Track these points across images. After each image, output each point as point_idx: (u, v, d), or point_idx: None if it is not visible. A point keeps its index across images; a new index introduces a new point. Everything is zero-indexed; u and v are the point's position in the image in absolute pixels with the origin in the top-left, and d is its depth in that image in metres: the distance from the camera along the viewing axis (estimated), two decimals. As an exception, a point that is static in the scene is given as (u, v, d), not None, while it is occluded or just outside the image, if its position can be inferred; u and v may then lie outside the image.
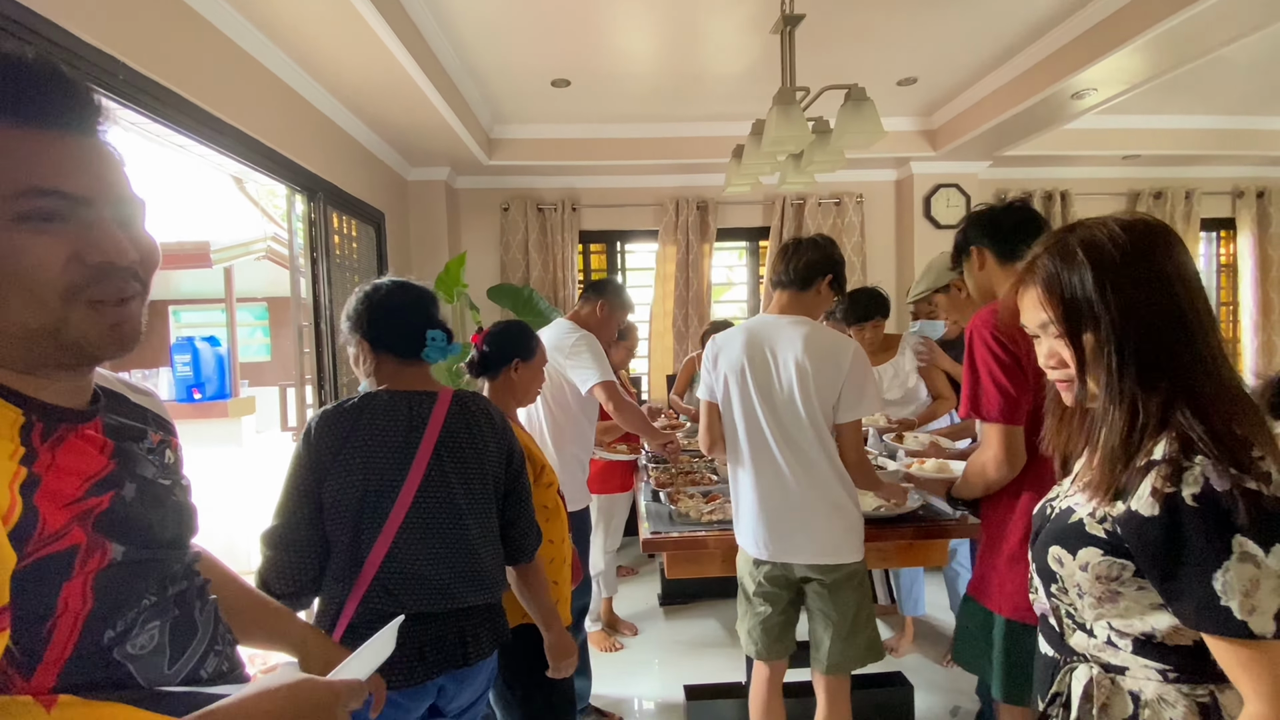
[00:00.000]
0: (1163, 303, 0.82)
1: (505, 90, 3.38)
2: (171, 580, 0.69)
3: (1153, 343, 0.82)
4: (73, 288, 0.58)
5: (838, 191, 4.39)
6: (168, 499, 0.70)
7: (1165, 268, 0.83)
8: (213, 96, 2.07)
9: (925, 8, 2.62)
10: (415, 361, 1.30)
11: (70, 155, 0.59)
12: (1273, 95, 3.70)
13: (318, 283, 2.88)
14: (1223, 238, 4.86)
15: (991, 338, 1.40)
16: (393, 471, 1.20)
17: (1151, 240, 0.85)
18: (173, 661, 0.67)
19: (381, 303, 1.32)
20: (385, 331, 1.30)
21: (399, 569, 1.18)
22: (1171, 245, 0.85)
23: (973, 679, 2.49)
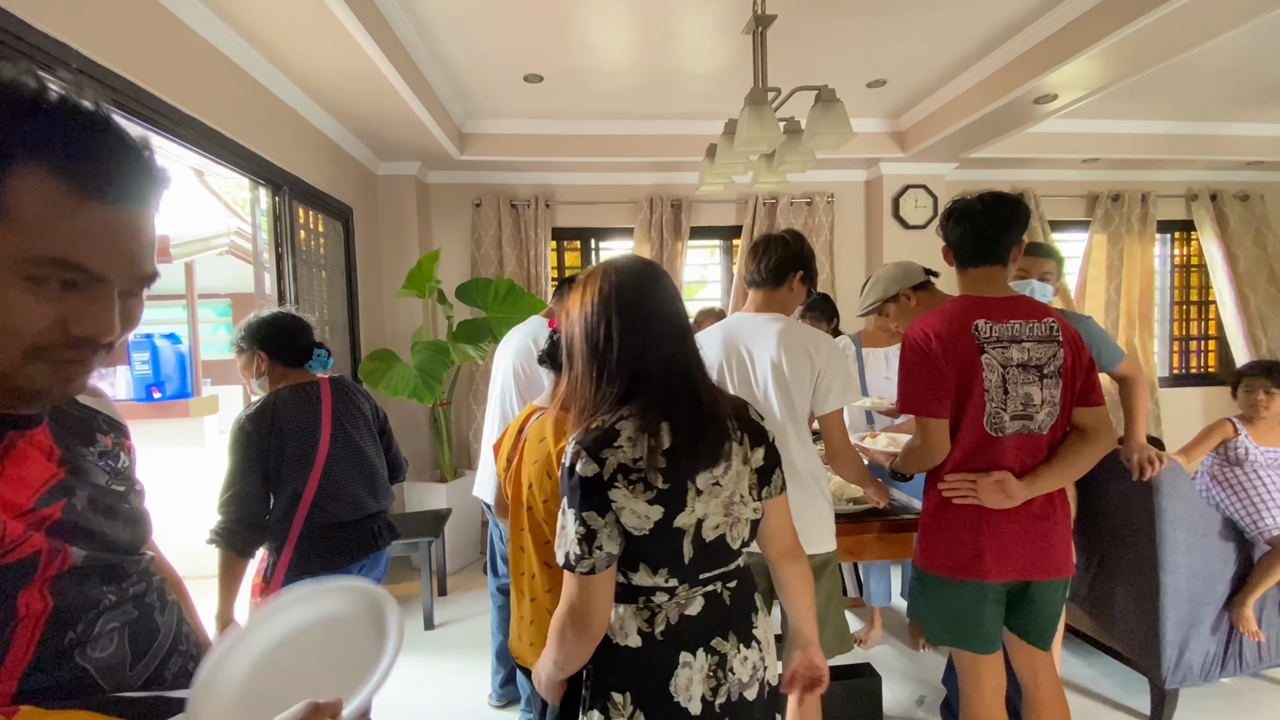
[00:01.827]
0: None
1: (477, 84, 3.34)
2: (130, 581, 0.68)
3: None
4: (41, 349, 0.57)
5: (809, 191, 4.44)
6: (120, 507, 0.69)
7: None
8: (170, 86, 2.01)
9: (894, 12, 2.66)
10: (300, 367, 1.87)
11: (111, 232, 0.57)
12: (1223, 102, 3.84)
13: (283, 279, 2.82)
14: (1177, 239, 5.04)
15: (921, 339, 1.54)
16: (312, 433, 1.78)
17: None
18: (134, 663, 0.66)
19: (286, 327, 1.85)
20: (284, 348, 1.83)
21: (327, 492, 1.78)
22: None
23: (938, 669, 2.55)
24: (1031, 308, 1.55)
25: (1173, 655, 2.14)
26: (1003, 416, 1.50)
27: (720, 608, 1.06)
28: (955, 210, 1.62)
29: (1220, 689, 2.40)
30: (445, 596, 3.48)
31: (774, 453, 1.11)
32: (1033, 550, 1.52)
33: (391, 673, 0.71)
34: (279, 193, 2.77)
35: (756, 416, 1.11)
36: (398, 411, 4.06)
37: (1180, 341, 5.12)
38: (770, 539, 1.14)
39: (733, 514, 1.03)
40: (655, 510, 0.98)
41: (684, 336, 1.08)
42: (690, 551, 1.01)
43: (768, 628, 1.13)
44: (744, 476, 1.05)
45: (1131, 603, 2.22)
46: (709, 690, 1.03)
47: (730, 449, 1.03)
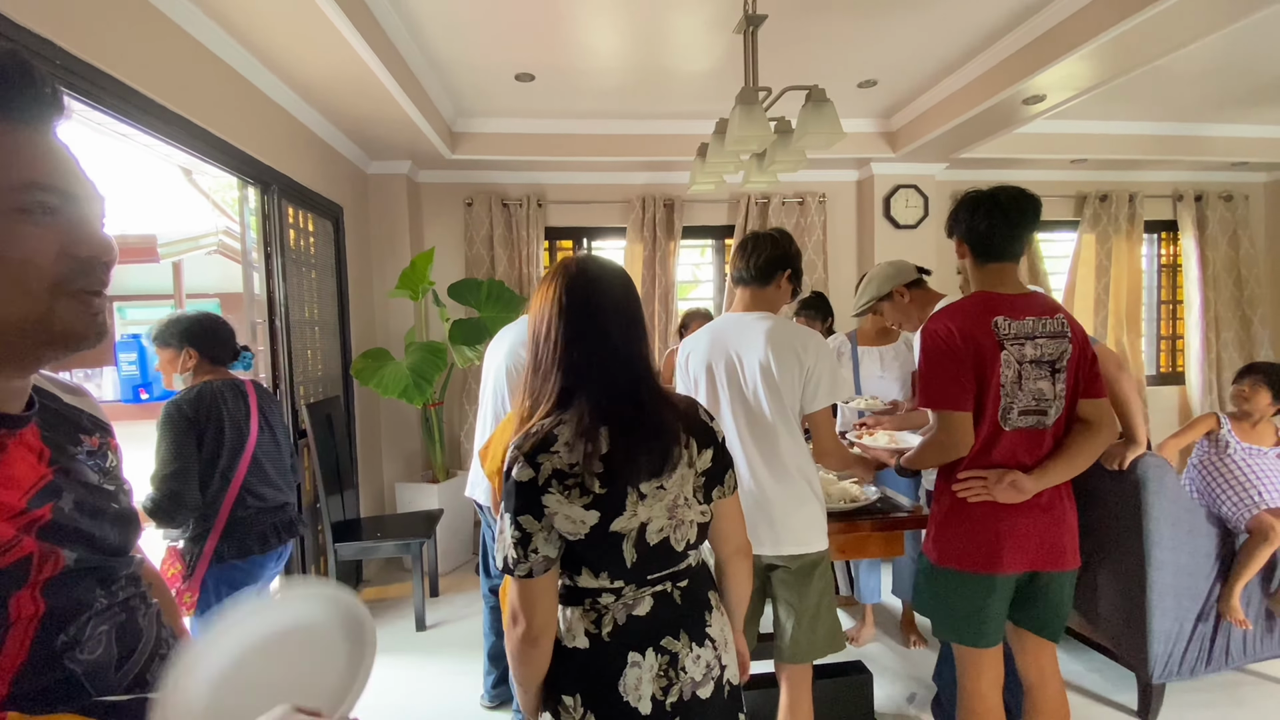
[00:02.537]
0: None
1: (468, 83, 3.33)
2: (119, 584, 0.68)
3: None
4: (61, 280, 0.60)
5: (801, 191, 4.46)
6: (108, 507, 0.69)
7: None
8: (157, 84, 1.99)
9: (884, 12, 2.67)
10: (225, 366, 2.00)
11: (54, 152, 0.62)
12: (1209, 104, 3.88)
13: (272, 278, 2.80)
14: (1164, 239, 5.09)
15: (944, 334, 1.52)
16: (244, 422, 1.93)
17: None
18: (119, 666, 0.66)
19: (217, 328, 2.00)
20: (214, 346, 1.97)
21: (255, 478, 1.94)
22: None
23: (929, 666, 2.57)
24: (1043, 304, 1.58)
25: (1159, 650, 2.17)
26: (1013, 411, 1.52)
27: (670, 607, 1.06)
28: (979, 203, 1.60)
29: (1206, 683, 2.43)
30: (437, 597, 3.46)
31: (724, 454, 1.10)
32: (1043, 542, 1.55)
33: (367, 682, 0.69)
34: (268, 192, 2.75)
35: (706, 417, 1.10)
36: (389, 411, 4.04)
37: (1167, 341, 5.17)
38: (723, 539, 1.14)
39: (677, 517, 1.02)
40: (591, 515, 0.97)
41: (632, 341, 1.04)
42: (632, 555, 1.00)
43: (724, 626, 1.13)
44: (689, 480, 1.04)
45: (1119, 599, 2.24)
46: (659, 690, 1.02)
47: (677, 454, 1.02)
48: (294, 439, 2.88)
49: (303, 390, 3.03)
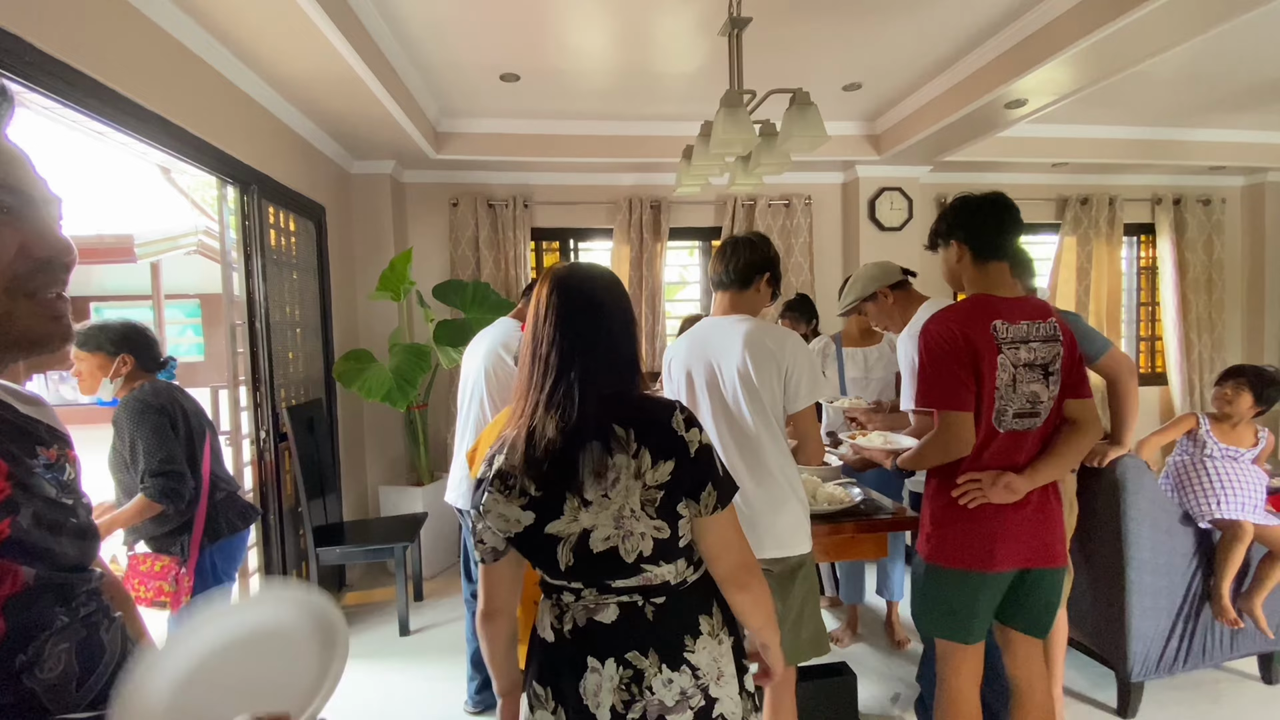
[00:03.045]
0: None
1: (452, 83, 3.31)
2: (79, 600, 0.67)
3: None
4: (18, 280, 0.59)
5: (787, 193, 4.47)
6: (67, 522, 0.67)
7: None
8: (133, 82, 1.95)
9: (868, 16, 2.69)
10: (154, 374, 2.03)
11: (5, 152, 0.61)
12: (1187, 108, 3.95)
13: (252, 279, 2.76)
14: (1143, 242, 5.17)
15: (946, 335, 1.54)
16: (200, 415, 2.05)
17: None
18: (81, 683, 0.65)
19: (149, 337, 2.04)
20: (148, 354, 2.01)
21: (217, 465, 2.08)
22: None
23: (913, 666, 2.58)
24: (1036, 308, 1.60)
25: (1138, 649, 2.19)
26: (1008, 413, 1.54)
27: (639, 622, 1.03)
28: (979, 205, 1.63)
29: (1184, 680, 2.46)
30: (421, 602, 3.43)
31: (696, 469, 1.00)
32: (1035, 540, 1.58)
33: (337, 684, 0.68)
34: (247, 191, 2.71)
35: (680, 427, 1.00)
36: (373, 413, 4.00)
37: (1146, 342, 5.25)
38: (709, 561, 1.07)
39: (624, 527, 0.98)
40: (527, 515, 1.00)
41: (589, 348, 1.02)
42: (568, 559, 1.00)
43: (716, 655, 1.05)
44: (634, 492, 0.98)
45: (1099, 598, 2.27)
46: (620, 703, 1.01)
47: (615, 464, 0.97)
48: (275, 442, 2.84)
49: (283, 393, 2.99)
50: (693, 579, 1.07)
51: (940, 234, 1.71)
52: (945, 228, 1.68)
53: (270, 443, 2.83)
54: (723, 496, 1.03)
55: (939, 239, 1.71)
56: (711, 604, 1.09)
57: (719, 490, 1.02)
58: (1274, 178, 4.91)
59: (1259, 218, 5.01)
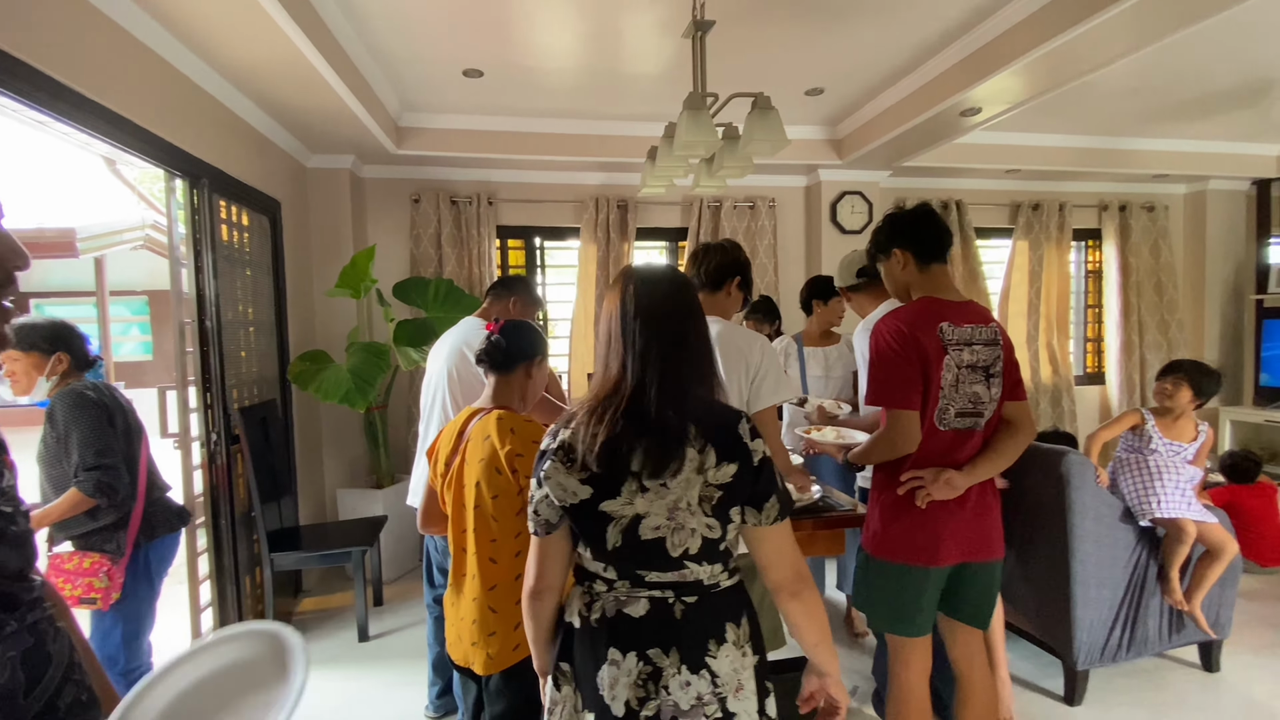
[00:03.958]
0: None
1: (414, 78, 3.25)
2: (24, 609, 0.65)
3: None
4: None
5: (752, 195, 4.52)
6: (7, 530, 0.65)
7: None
8: (74, 70, 1.87)
9: (830, 22, 2.73)
10: (84, 373, 1.99)
11: None
12: (1132, 119, 4.12)
13: (203, 275, 2.66)
14: (1090, 246, 5.38)
15: (895, 335, 1.59)
16: (135, 413, 2.03)
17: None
18: (28, 692, 0.63)
19: (80, 335, 2.00)
20: (82, 352, 1.98)
21: (152, 473, 2.06)
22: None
23: (870, 659, 2.63)
24: (978, 312, 1.66)
25: (1083, 638, 2.28)
26: (949, 412, 1.59)
27: (667, 619, 1.04)
28: (914, 216, 1.72)
29: (1128, 668, 2.57)
30: (381, 606, 3.36)
31: (759, 478, 1.03)
32: (974, 534, 1.63)
33: (299, 704, 0.70)
34: (197, 185, 2.61)
35: (745, 435, 1.04)
36: (330, 414, 3.90)
37: (1093, 343, 5.46)
38: (763, 569, 1.08)
39: (677, 520, 1.01)
40: (585, 490, 1.03)
41: (675, 347, 1.07)
42: (616, 539, 1.02)
43: (738, 666, 1.05)
44: (694, 485, 1.01)
45: (1046, 589, 2.35)
46: (635, 699, 1.02)
47: (680, 456, 1.01)
48: (226, 444, 2.75)
49: (235, 393, 2.89)
50: (726, 584, 1.08)
51: (880, 248, 1.77)
52: (884, 240, 1.75)
53: (221, 445, 2.73)
54: (783, 510, 1.07)
55: (880, 253, 1.78)
56: (741, 614, 1.09)
57: (781, 504, 1.06)
58: (1214, 185, 5.16)
59: (1200, 224, 5.26)
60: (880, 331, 1.64)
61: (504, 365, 1.53)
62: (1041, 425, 4.84)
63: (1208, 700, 2.38)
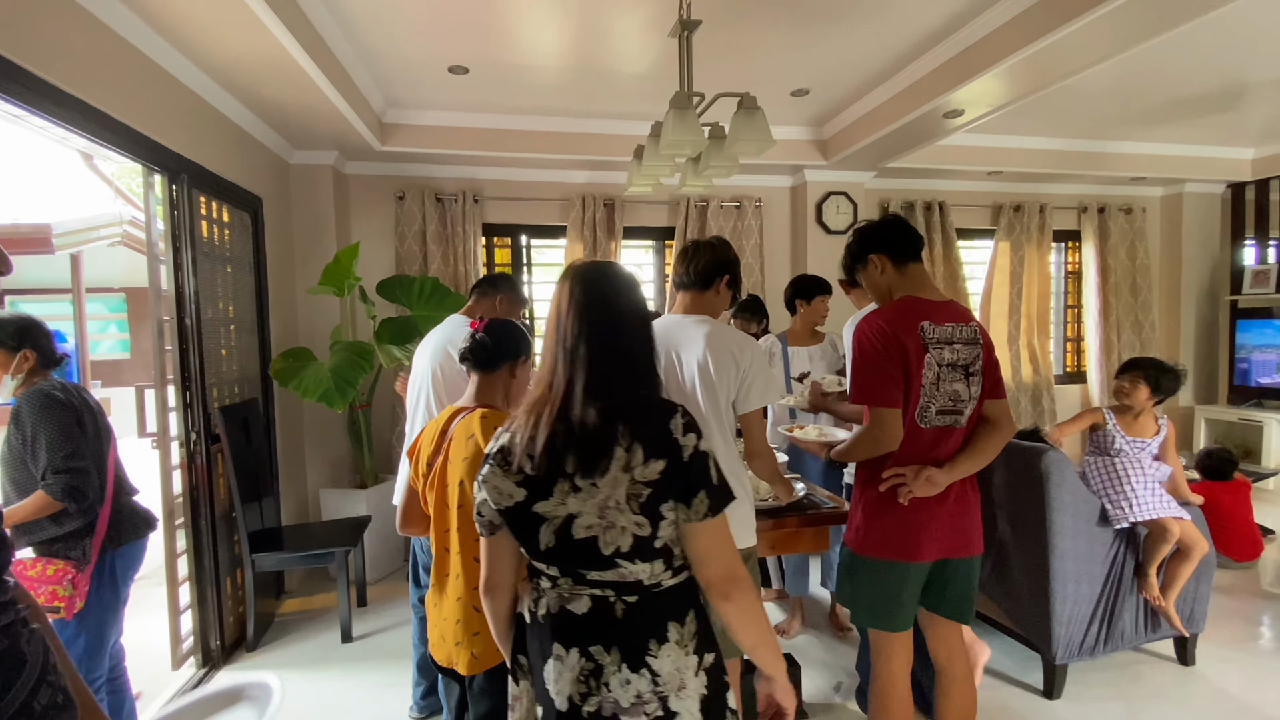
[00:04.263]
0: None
1: (398, 74, 3.22)
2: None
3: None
4: None
5: (738, 195, 4.54)
6: None
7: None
8: (51, 63, 1.84)
9: (815, 24, 2.75)
10: (50, 371, 1.95)
11: None
12: (1111, 122, 4.19)
13: (182, 272, 2.62)
14: (1070, 248, 5.46)
15: (878, 334, 1.61)
16: (104, 413, 1.94)
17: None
18: (3, 694, 0.62)
19: (48, 331, 1.95)
20: (49, 349, 1.92)
21: (120, 477, 2.00)
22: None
23: (854, 655, 2.66)
24: (958, 312, 1.68)
25: (1062, 633, 2.32)
26: (930, 410, 1.62)
27: (608, 617, 1.04)
28: (881, 224, 1.77)
29: (1105, 663, 2.61)
30: (365, 607, 3.34)
31: (689, 472, 1.01)
32: (955, 531, 1.65)
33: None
34: (176, 180, 2.58)
35: (677, 430, 1.02)
36: (313, 413, 3.87)
37: (1073, 342, 5.55)
38: (695, 566, 1.06)
39: (607, 518, 1.00)
40: (520, 492, 1.05)
41: (608, 343, 1.06)
42: (548, 540, 1.03)
43: (680, 666, 1.04)
44: (621, 484, 1.00)
45: (1026, 585, 2.39)
46: (578, 694, 1.03)
47: (609, 455, 1.00)
48: (206, 444, 2.71)
49: (216, 392, 2.85)
50: (669, 583, 1.06)
51: (856, 258, 1.79)
52: (858, 249, 1.78)
53: (201, 445, 2.70)
54: (714, 504, 1.02)
55: (857, 264, 1.80)
56: (687, 614, 1.07)
57: (711, 498, 1.02)
58: (1190, 188, 5.26)
59: (1176, 226, 5.36)
60: (862, 330, 1.66)
61: (488, 364, 1.52)
62: (1022, 424, 4.90)
63: (1183, 693, 2.42)
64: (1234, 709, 2.32)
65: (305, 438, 3.89)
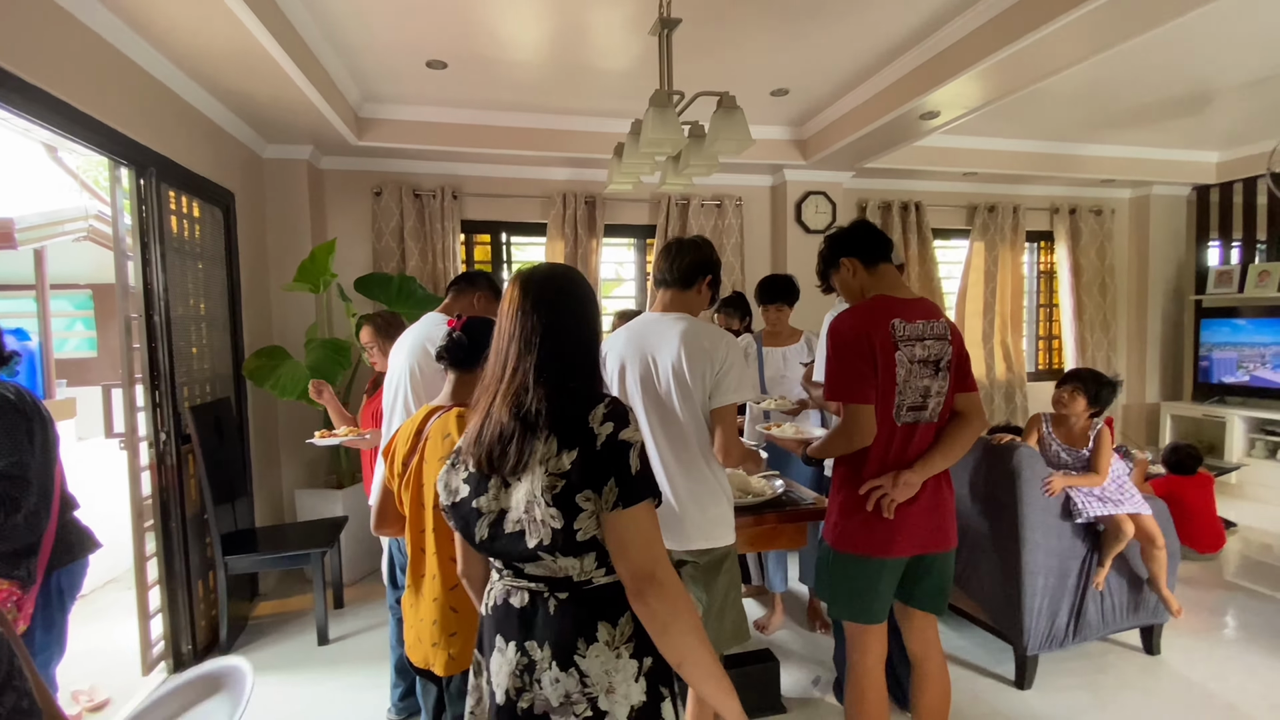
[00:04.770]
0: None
1: (375, 68, 3.17)
2: None
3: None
4: None
5: (719, 194, 4.55)
6: None
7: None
8: (13, 53, 1.77)
9: (794, 24, 2.77)
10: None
11: None
12: (1081, 125, 4.28)
13: (150, 268, 2.56)
14: (1042, 248, 5.57)
15: (850, 332, 1.64)
16: (52, 422, 1.80)
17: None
18: None
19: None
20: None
21: (66, 492, 1.88)
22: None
23: (831, 649, 2.69)
24: (929, 309, 1.71)
25: (1032, 624, 2.37)
26: (905, 407, 1.65)
27: (541, 613, 1.04)
28: (852, 229, 1.82)
29: (1074, 653, 2.67)
30: (342, 609, 3.29)
31: (596, 461, 0.98)
32: (929, 527, 1.68)
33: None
34: (144, 174, 2.51)
35: (595, 420, 0.99)
36: (289, 412, 3.80)
37: (1045, 340, 5.66)
38: (614, 558, 1.00)
39: (531, 512, 1.00)
40: (465, 488, 1.08)
41: (541, 340, 1.05)
42: (483, 533, 1.05)
43: (610, 668, 1.01)
44: (538, 478, 0.99)
45: (998, 578, 2.43)
46: (514, 688, 1.03)
47: (522, 450, 1.01)
48: (176, 444, 2.65)
49: (186, 391, 2.79)
50: (601, 581, 1.04)
51: (829, 263, 1.84)
52: (830, 255, 1.83)
53: (171, 445, 2.64)
54: (626, 494, 0.97)
55: (829, 269, 1.84)
56: (621, 615, 1.03)
57: (621, 486, 0.97)
58: (1157, 190, 5.40)
59: (1144, 227, 5.50)
60: (835, 329, 1.69)
61: (466, 362, 1.50)
62: (995, 419, 5.00)
63: (1148, 682, 2.49)
64: (1198, 696, 2.39)
65: (280, 437, 3.82)
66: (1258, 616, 2.98)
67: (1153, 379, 5.58)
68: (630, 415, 1.03)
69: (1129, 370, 5.61)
